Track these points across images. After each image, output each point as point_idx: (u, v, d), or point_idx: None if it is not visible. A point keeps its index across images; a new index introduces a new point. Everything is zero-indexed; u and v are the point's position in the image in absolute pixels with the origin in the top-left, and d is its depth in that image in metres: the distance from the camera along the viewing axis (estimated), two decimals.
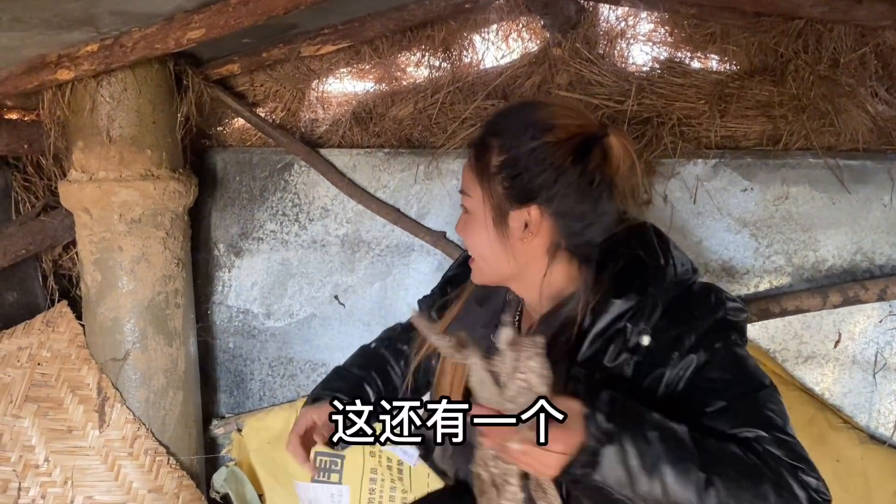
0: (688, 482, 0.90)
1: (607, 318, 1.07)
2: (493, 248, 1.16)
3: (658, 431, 0.92)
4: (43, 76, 1.86)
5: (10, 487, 2.02)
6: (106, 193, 1.97)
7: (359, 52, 2.36)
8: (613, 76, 2.11)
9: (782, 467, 0.95)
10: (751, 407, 1.01)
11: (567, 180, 1.09)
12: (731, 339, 1.07)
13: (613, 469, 0.89)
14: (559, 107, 1.16)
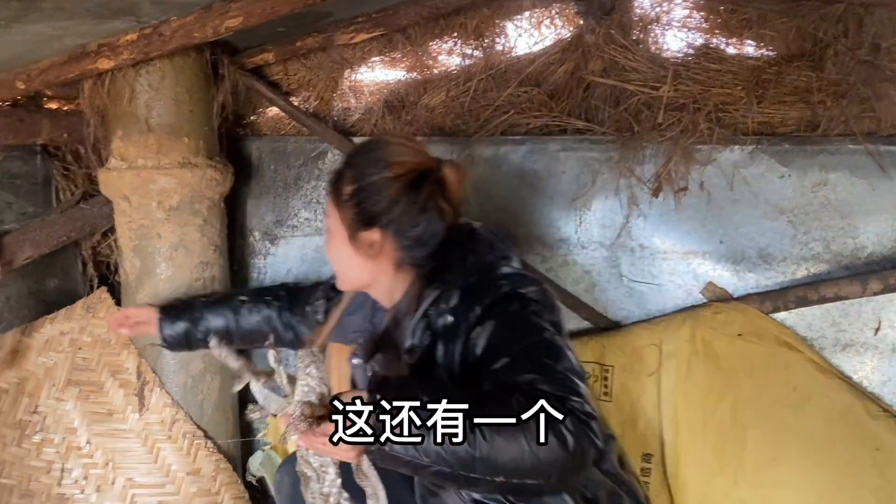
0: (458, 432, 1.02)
1: (421, 308, 1.29)
2: (347, 263, 1.37)
3: (431, 396, 1.04)
4: (83, 65, 1.88)
5: (54, 468, 2.07)
6: (144, 181, 2.00)
7: (392, 40, 2.37)
8: (648, 62, 2.10)
9: (550, 399, 1.05)
10: (529, 358, 1.15)
11: (401, 208, 1.29)
12: (515, 307, 1.24)
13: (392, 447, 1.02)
14: (401, 146, 1.35)
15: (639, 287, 2.08)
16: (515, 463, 1.03)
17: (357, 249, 1.33)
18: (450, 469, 1.03)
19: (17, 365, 2.07)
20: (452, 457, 1.02)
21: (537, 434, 1.02)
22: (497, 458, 1.02)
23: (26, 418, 2.06)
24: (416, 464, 1.04)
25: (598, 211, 2.10)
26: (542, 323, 1.21)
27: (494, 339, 1.20)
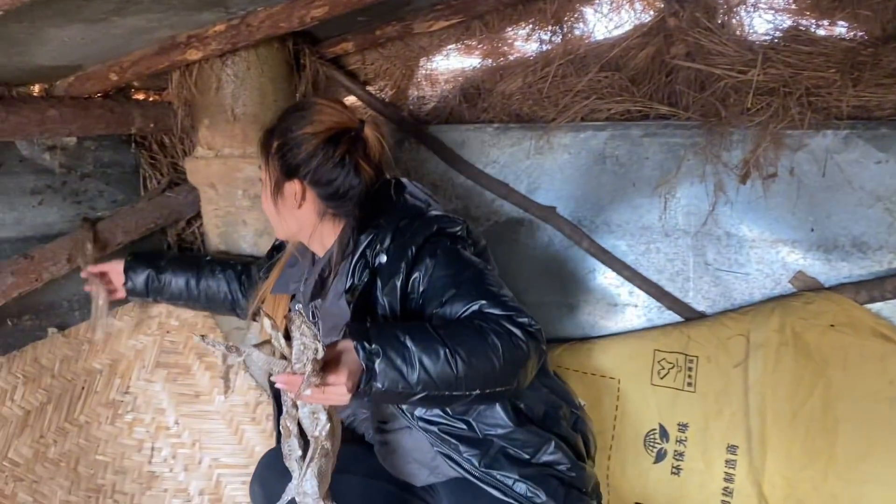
0: (438, 360, 1.17)
1: (358, 250, 1.43)
2: (276, 212, 1.52)
3: (408, 335, 1.19)
4: (173, 56, 1.93)
5: (145, 447, 2.15)
6: (231, 169, 2.04)
7: (469, 27, 2.37)
8: (735, 45, 2.04)
9: (500, 319, 1.25)
10: (472, 286, 1.32)
11: (318, 161, 1.44)
12: (447, 244, 1.39)
13: (388, 374, 1.16)
14: (326, 106, 1.49)
15: (725, 276, 2.04)
16: (489, 376, 1.21)
17: (283, 199, 1.48)
18: (436, 393, 1.19)
19: (110, 347, 2.14)
20: (438, 382, 1.18)
21: (501, 348, 1.21)
22: (474, 375, 1.19)
23: (118, 398, 2.14)
24: (406, 394, 1.19)
25: (682, 198, 2.06)
26: (472, 257, 1.40)
27: (436, 274, 1.35)
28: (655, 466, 2.00)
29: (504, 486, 1.40)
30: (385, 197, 1.50)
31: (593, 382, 2.10)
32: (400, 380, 1.16)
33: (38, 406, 1.95)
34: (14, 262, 1.88)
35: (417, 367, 1.17)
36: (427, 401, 1.22)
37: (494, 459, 1.41)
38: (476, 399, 1.25)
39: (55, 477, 1.96)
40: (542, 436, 1.45)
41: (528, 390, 1.42)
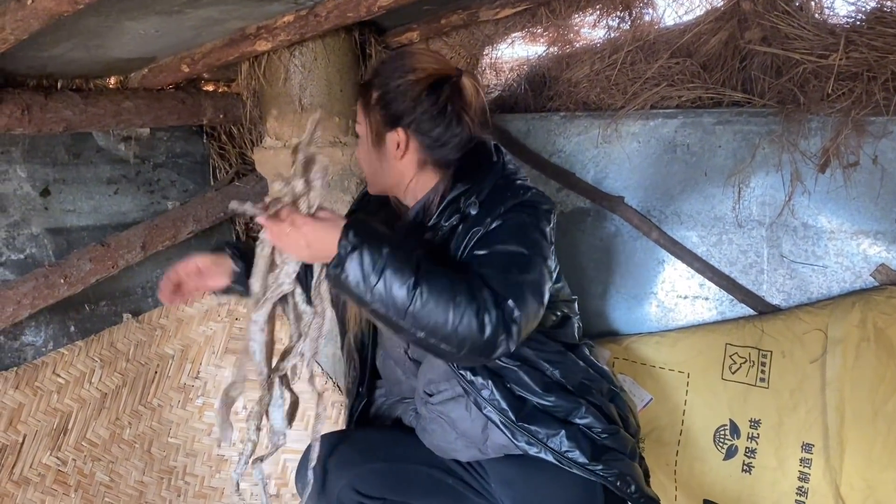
0: (402, 284, 1.18)
1: (450, 196, 1.42)
2: (376, 164, 1.49)
3: (390, 248, 1.20)
4: (243, 48, 1.96)
5: (214, 431, 2.20)
6: None
7: (535, 14, 2.34)
8: (814, 29, 1.96)
9: (489, 292, 1.22)
10: (502, 259, 1.30)
11: (422, 108, 1.42)
12: (527, 217, 1.37)
13: (353, 269, 1.17)
14: (422, 54, 1.51)
15: (801, 269, 1.96)
16: (437, 328, 1.19)
17: (384, 151, 1.46)
18: (384, 311, 1.19)
19: (181, 332, 2.20)
20: (390, 303, 1.18)
21: (464, 312, 1.19)
22: (424, 318, 1.19)
23: (189, 383, 2.20)
24: (359, 298, 1.20)
25: (757, 188, 1.99)
26: (538, 239, 1.36)
27: (497, 233, 1.34)
28: (726, 463, 1.95)
29: (537, 439, 1.40)
30: (485, 153, 1.50)
31: (661, 376, 2.06)
32: (361, 282, 1.18)
33: (114, 389, 2.01)
34: (92, 249, 1.94)
35: (379, 280, 1.18)
36: (377, 316, 1.23)
37: (529, 414, 1.42)
38: (418, 342, 1.24)
39: (130, 458, 2.03)
40: (574, 401, 1.45)
41: (566, 362, 1.47)
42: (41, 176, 1.94)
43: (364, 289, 1.19)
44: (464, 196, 1.42)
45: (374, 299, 1.19)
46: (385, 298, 1.19)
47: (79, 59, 1.80)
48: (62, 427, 1.88)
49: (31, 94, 1.74)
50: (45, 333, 1.93)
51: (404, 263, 1.20)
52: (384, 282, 1.18)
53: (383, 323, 1.26)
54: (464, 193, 1.42)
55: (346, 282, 1.19)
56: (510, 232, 1.35)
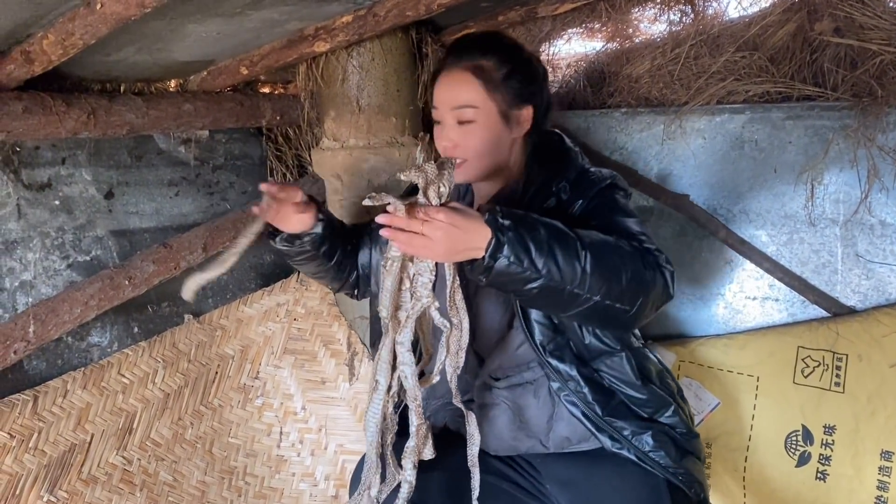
0: (568, 249, 1.16)
1: (540, 179, 1.43)
2: (494, 145, 1.42)
3: (542, 223, 1.18)
4: (301, 49, 1.96)
5: (273, 431, 2.21)
6: (356, 160, 2.06)
7: (594, 9, 2.29)
8: (892, 18, 1.87)
9: (641, 245, 1.27)
10: (629, 225, 1.32)
11: (544, 85, 1.48)
12: (618, 194, 1.40)
13: (515, 249, 1.13)
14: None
15: (878, 269, 1.88)
16: (613, 286, 1.18)
17: (507, 130, 1.43)
18: (556, 286, 1.16)
19: (241, 333, 2.21)
20: (563, 272, 1.15)
21: (633, 264, 1.21)
22: (600, 278, 1.17)
23: (249, 383, 2.21)
24: (525, 279, 1.15)
25: (830, 184, 1.91)
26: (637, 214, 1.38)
27: (595, 210, 1.36)
28: (798, 470, 1.88)
29: (621, 436, 1.37)
30: (559, 140, 1.52)
31: (730, 380, 1.99)
32: (525, 258, 1.14)
33: (177, 389, 2.03)
34: (154, 251, 1.96)
35: (545, 251, 1.15)
36: (544, 293, 1.18)
37: (616, 409, 1.38)
38: (591, 309, 1.20)
39: (192, 458, 2.05)
40: (662, 398, 1.42)
41: (640, 353, 1.45)
42: (105, 178, 1.97)
43: (531, 265, 1.15)
44: (554, 180, 1.41)
45: (545, 274, 1.15)
46: (556, 270, 1.15)
47: (141, 62, 1.81)
48: (127, 427, 1.91)
49: (96, 98, 1.76)
50: (110, 334, 1.95)
51: (560, 229, 1.19)
52: (553, 255, 1.15)
53: (552, 299, 1.21)
54: (553, 178, 1.41)
55: (507, 267, 1.14)
56: (612, 208, 1.37)
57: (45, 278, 1.83)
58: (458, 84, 1.41)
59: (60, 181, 1.87)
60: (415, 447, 1.24)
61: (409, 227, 1.13)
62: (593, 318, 1.29)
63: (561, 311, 1.28)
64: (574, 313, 1.25)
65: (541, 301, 1.24)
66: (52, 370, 1.83)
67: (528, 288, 1.18)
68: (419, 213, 1.13)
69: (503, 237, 1.13)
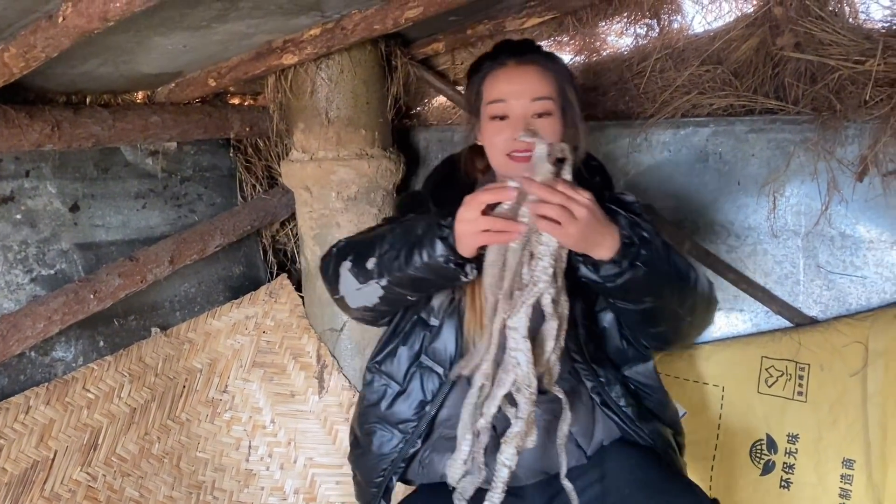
0: (687, 271, 1.25)
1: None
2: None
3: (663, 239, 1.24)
4: (269, 61, 1.95)
5: (242, 445, 2.19)
6: (325, 172, 2.06)
7: (562, 23, 2.32)
8: (850, 34, 1.91)
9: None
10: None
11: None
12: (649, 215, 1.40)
13: (651, 260, 1.15)
14: None
15: (839, 279, 1.92)
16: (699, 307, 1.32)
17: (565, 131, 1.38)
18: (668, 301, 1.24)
19: (209, 346, 2.20)
20: (678, 289, 1.24)
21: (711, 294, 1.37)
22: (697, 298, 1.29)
23: (217, 397, 2.19)
24: (649, 291, 1.20)
25: (792, 196, 1.95)
26: None
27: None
28: (763, 479, 1.91)
29: (651, 439, 1.37)
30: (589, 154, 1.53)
31: (696, 390, 2.01)
32: (655, 272, 1.17)
33: (143, 403, 2.01)
34: (120, 264, 1.94)
35: (670, 268, 1.20)
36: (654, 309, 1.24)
37: (642, 414, 1.39)
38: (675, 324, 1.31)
39: (159, 473, 2.02)
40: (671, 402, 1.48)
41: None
42: (70, 191, 1.95)
43: (655, 283, 1.19)
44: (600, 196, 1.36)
45: (663, 294, 1.21)
46: (672, 290, 1.22)
47: (107, 74, 1.80)
48: (92, 442, 1.88)
49: (60, 111, 1.74)
50: (75, 349, 1.93)
51: (678, 253, 1.27)
52: (672, 274, 1.21)
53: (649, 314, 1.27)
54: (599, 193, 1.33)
55: (640, 278, 1.16)
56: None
57: (8, 293, 1.80)
58: (534, 75, 1.36)
59: (24, 194, 1.85)
60: (520, 433, 1.14)
61: (552, 198, 1.09)
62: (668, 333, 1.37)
63: (651, 327, 1.34)
64: (661, 330, 1.34)
65: (641, 315, 1.29)
66: (15, 386, 1.80)
67: (646, 300, 1.22)
68: (566, 186, 1.10)
69: (643, 246, 1.15)
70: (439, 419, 1.42)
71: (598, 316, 1.45)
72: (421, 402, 1.43)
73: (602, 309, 1.44)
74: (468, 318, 1.39)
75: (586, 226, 1.09)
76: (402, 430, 1.44)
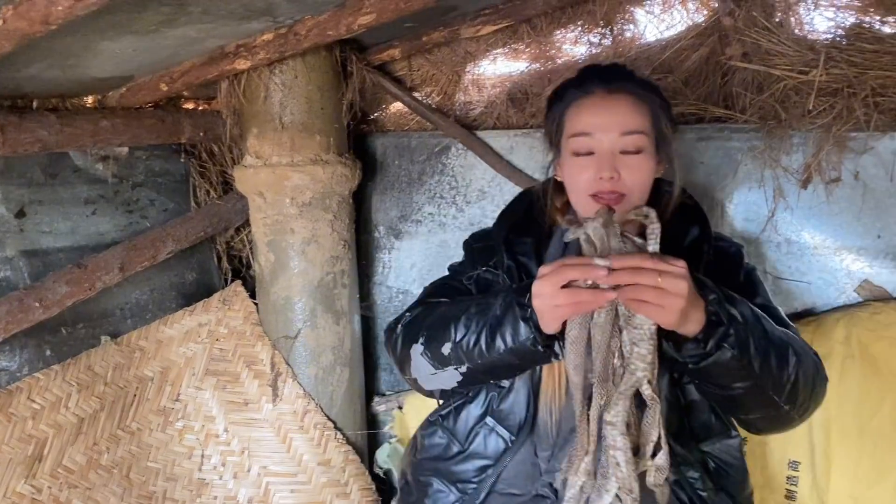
0: (783, 352, 1.08)
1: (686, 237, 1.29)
2: (650, 183, 1.26)
3: (758, 314, 1.10)
4: (222, 66, 1.94)
5: (195, 454, 2.16)
6: (279, 178, 2.04)
7: (517, 31, 2.33)
8: (795, 45, 1.96)
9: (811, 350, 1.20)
10: (779, 316, 1.25)
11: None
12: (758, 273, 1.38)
13: (740, 340, 1.02)
14: None
15: (785, 284, 1.96)
16: (803, 396, 1.13)
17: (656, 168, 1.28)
18: (763, 386, 1.07)
19: (160, 354, 2.16)
20: (774, 375, 1.07)
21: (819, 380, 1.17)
22: (801, 386, 1.11)
23: (169, 405, 2.16)
24: (738, 375, 1.05)
25: (739, 204, 1.99)
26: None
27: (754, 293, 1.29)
28: None
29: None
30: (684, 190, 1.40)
31: None
32: (746, 354, 1.02)
33: (92, 413, 1.97)
34: (68, 271, 1.90)
35: (763, 348, 1.04)
36: (746, 395, 1.08)
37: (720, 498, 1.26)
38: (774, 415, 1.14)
39: (108, 484, 1.98)
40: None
41: None
42: (16, 197, 1.90)
43: (747, 366, 1.03)
44: (705, 242, 1.27)
45: (755, 377, 1.05)
46: (766, 375, 1.05)
47: (54, 78, 1.77)
48: (37, 454, 1.84)
49: (4, 115, 1.70)
50: (20, 358, 1.89)
51: (774, 329, 1.09)
52: (768, 355, 1.05)
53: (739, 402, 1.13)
54: (702, 239, 1.27)
55: (729, 361, 1.02)
56: (764, 294, 1.30)
57: None
58: (626, 108, 1.24)
59: None
60: None
61: (640, 278, 0.95)
62: (763, 425, 1.22)
63: (743, 414, 1.20)
64: (756, 417, 1.18)
65: (729, 401, 1.15)
66: None
67: (734, 386, 1.07)
68: (652, 261, 0.96)
69: (732, 326, 1.01)
70: (500, 480, 1.31)
71: (685, 388, 1.26)
72: (483, 465, 1.33)
73: (690, 381, 1.26)
74: (545, 383, 1.27)
75: (685, 300, 0.96)
76: (461, 489, 1.34)
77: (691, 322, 1.00)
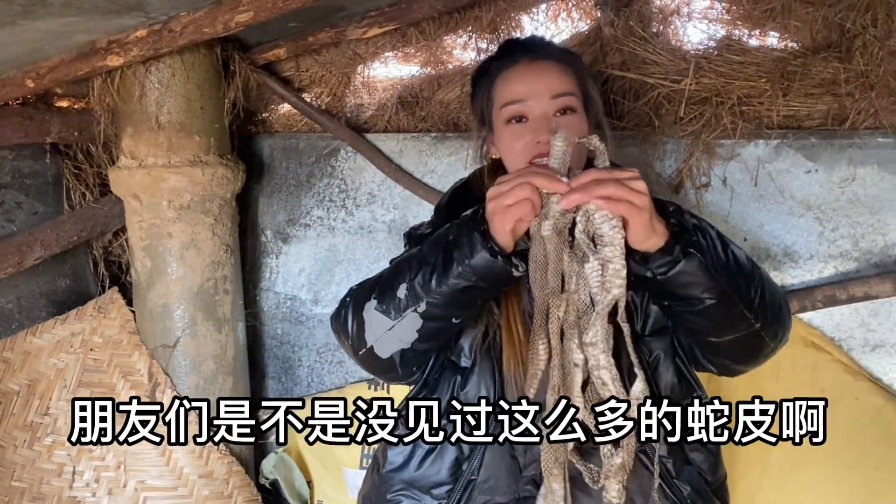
0: (747, 265, 1.11)
1: None
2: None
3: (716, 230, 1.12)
4: (93, 63, 1.85)
5: (66, 471, 2.05)
6: (155, 180, 1.97)
7: (405, 34, 2.33)
8: (669, 55, 2.04)
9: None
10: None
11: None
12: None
13: (705, 247, 1.04)
14: None
15: None
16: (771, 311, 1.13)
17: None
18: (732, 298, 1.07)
19: (28, 366, 2.04)
20: (741, 285, 1.08)
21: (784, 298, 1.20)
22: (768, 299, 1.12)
23: (37, 420, 2.04)
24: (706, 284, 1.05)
25: None
26: None
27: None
28: None
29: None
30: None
31: None
32: (711, 260, 1.03)
33: None
34: None
35: (727, 257, 1.06)
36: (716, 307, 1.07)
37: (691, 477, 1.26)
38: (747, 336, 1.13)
39: None
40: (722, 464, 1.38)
41: None
42: None
43: (713, 274, 1.03)
44: None
45: (724, 285, 1.05)
46: (734, 284, 1.06)
47: None
48: None
49: None
50: None
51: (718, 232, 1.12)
52: (731, 265, 1.07)
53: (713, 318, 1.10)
54: None
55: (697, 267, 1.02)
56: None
57: None
58: (553, 72, 1.26)
59: None
60: (623, 464, 1.02)
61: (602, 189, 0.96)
62: (736, 351, 1.20)
63: (715, 335, 1.15)
64: (728, 339, 1.14)
65: (701, 319, 1.11)
66: None
67: (703, 297, 1.06)
68: (608, 171, 1.00)
69: (696, 233, 1.04)
70: (478, 482, 1.21)
71: (649, 343, 1.24)
72: (456, 459, 1.23)
73: (654, 332, 1.25)
74: (507, 355, 1.22)
75: (649, 208, 0.99)
76: (437, 495, 1.23)
77: (656, 234, 1.02)
